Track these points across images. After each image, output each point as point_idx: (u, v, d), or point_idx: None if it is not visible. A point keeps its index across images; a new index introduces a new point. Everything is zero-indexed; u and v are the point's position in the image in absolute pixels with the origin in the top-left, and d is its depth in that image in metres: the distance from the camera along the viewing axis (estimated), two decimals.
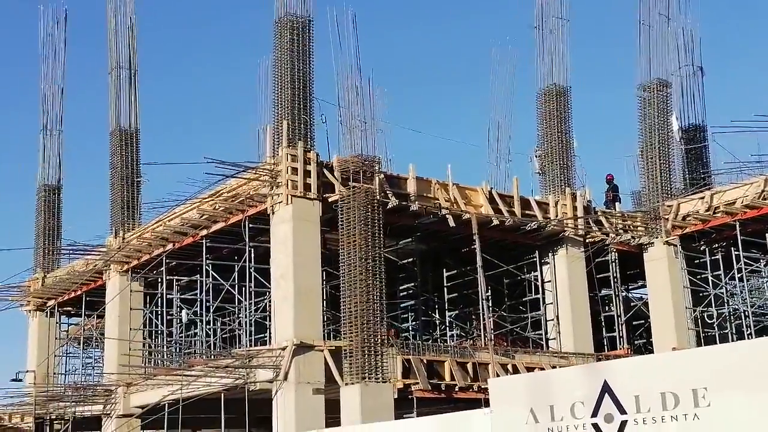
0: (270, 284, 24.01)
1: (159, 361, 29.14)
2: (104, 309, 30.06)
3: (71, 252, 32.26)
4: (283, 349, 22.17)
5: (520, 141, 30.75)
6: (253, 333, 26.00)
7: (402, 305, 31.71)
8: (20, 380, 33.42)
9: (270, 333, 24.19)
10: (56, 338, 34.06)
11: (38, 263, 34.45)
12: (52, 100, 35.39)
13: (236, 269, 25.49)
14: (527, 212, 27.16)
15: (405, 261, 29.54)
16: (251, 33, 76.64)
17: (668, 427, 10.10)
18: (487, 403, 12.24)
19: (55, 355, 33.86)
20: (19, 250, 34.44)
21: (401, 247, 28.62)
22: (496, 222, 25.99)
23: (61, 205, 35.01)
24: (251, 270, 24.72)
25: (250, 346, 25.05)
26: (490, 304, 24.69)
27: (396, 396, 22.20)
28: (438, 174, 25.87)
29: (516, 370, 24.29)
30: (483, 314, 24.93)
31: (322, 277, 24.35)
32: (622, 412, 10.51)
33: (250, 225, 24.41)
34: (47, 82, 35.48)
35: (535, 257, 28.00)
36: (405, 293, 31.65)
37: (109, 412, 28.35)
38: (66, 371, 34.94)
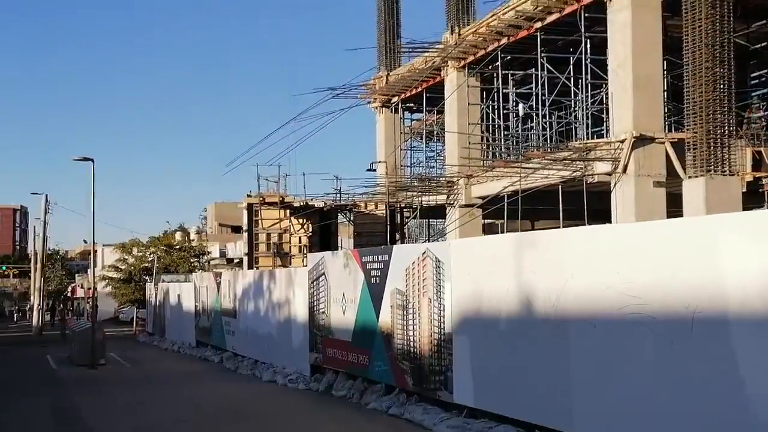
0: (607, 76, 23.32)
1: (497, 154, 30.03)
2: (443, 105, 31.22)
3: (411, 50, 33.46)
4: (622, 141, 21.75)
5: None
6: (589, 126, 25.71)
7: (753, 93, 29.35)
8: (374, 170, 36.31)
9: (607, 126, 23.76)
10: (401, 132, 36.19)
11: (381, 62, 36.29)
12: None
13: (571, 61, 25.00)
14: None
15: (758, 46, 26.99)
16: None
17: None
18: None
19: (400, 149, 36.13)
20: (363, 50, 36.39)
21: (753, 30, 26.09)
22: None
23: (399, 4, 36.16)
24: (587, 62, 24.09)
25: (587, 139, 24.87)
26: None
27: (744, 189, 21.08)
28: None
29: None
30: None
31: (663, 66, 23.10)
32: None
33: (586, 14, 23.54)
34: None
35: None
36: (756, 81, 29.18)
37: (452, 202, 30.03)
38: (411, 164, 37.30)
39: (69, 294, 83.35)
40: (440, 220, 38.13)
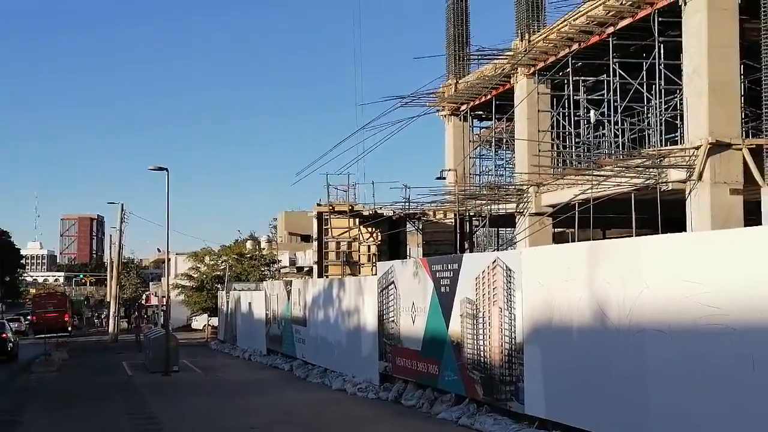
0: (681, 81, 22.84)
1: (568, 162, 29.66)
2: (513, 112, 30.99)
3: (480, 57, 33.38)
4: (697, 148, 21.25)
5: None
6: (663, 132, 25.20)
7: None
8: (443, 179, 36.25)
9: (681, 132, 23.27)
10: (470, 141, 36.03)
11: (450, 70, 36.22)
12: None
13: (644, 67, 24.55)
14: None
15: None
16: None
17: None
18: None
19: (469, 157, 35.96)
20: (432, 59, 36.46)
21: None
22: None
23: (468, 12, 36.07)
24: (660, 67, 23.64)
25: (660, 146, 24.39)
26: None
27: None
28: None
29: None
30: None
31: (740, 70, 22.53)
32: None
33: (659, 18, 23.12)
34: None
35: None
36: None
37: (521, 211, 29.75)
38: (480, 172, 37.08)
39: (143, 302, 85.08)
40: (510, 229, 37.77)
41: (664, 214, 22.36)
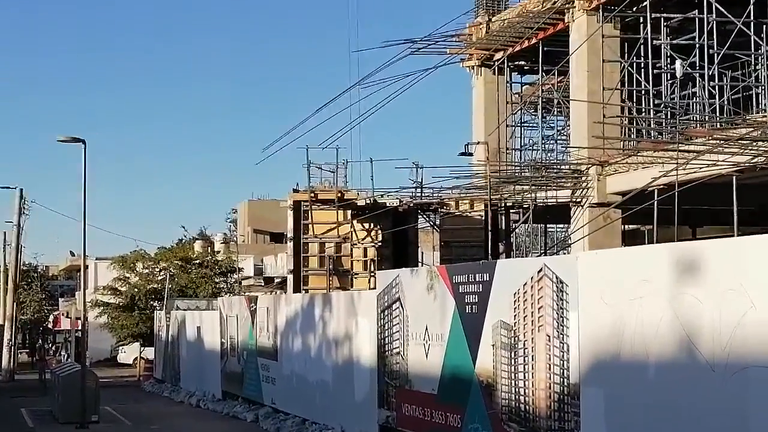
0: None
1: (644, 132, 29.62)
2: (567, 62, 30.93)
3: None
4: None
5: None
6: None
7: None
8: (469, 155, 36.14)
9: None
10: (507, 102, 35.98)
11: (480, 3, 36.16)
12: None
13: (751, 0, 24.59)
14: None
15: None
16: None
17: None
18: None
19: (506, 125, 35.92)
20: None
21: None
22: None
23: None
24: None
25: None
26: None
27: None
28: None
29: None
30: None
31: None
32: None
33: None
34: None
35: None
36: None
37: (579, 200, 29.71)
38: (521, 146, 37.05)
39: (50, 325, 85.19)
40: (562, 226, 37.74)
41: None
